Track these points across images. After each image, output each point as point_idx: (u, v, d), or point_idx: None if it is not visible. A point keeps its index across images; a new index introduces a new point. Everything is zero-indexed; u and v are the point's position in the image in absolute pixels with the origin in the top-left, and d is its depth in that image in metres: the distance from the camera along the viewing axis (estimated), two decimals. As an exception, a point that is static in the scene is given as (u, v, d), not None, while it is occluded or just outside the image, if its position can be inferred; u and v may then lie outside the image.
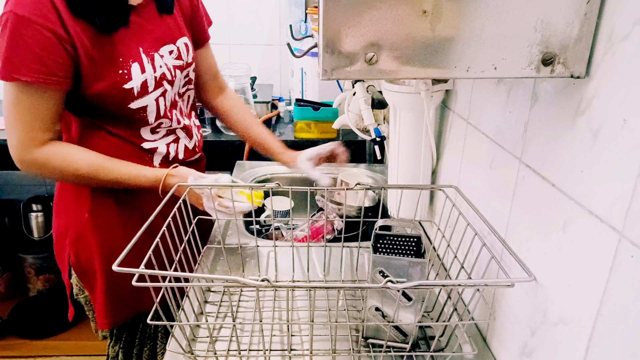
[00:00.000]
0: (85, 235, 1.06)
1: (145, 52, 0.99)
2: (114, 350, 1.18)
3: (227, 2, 2.13)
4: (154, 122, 1.04)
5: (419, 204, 1.01)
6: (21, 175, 2.36)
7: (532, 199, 0.64)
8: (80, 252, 1.07)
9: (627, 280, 0.46)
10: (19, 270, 2.31)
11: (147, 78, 0.98)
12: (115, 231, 1.07)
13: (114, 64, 0.94)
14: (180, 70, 1.07)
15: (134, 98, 0.98)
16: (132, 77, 0.96)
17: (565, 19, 0.49)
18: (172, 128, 1.09)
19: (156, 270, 0.62)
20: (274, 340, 0.79)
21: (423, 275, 0.71)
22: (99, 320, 1.11)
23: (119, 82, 0.95)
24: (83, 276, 1.10)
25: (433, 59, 0.51)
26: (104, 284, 1.07)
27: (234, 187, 0.96)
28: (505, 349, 0.73)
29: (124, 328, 1.16)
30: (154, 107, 1.02)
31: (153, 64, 1.00)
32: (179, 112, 1.11)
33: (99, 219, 1.06)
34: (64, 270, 1.12)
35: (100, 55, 0.93)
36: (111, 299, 1.09)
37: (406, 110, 0.98)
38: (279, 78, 2.28)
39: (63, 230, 1.09)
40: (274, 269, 0.99)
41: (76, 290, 1.15)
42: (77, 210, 1.06)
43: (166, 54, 1.04)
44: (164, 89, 1.03)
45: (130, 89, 0.96)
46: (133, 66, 0.96)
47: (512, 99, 0.70)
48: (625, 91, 0.46)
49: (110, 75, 0.94)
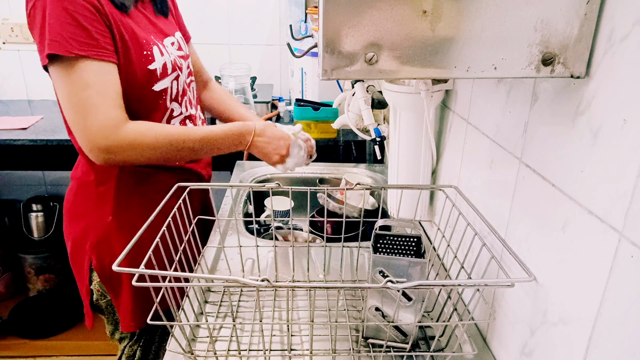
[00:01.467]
0: (109, 238, 1.04)
1: (157, 38, 1.02)
2: (131, 349, 1.17)
3: (227, 2, 2.13)
4: (169, 107, 1.04)
5: (419, 204, 1.01)
6: (21, 175, 2.37)
7: (532, 199, 0.64)
8: (104, 256, 1.05)
9: (627, 280, 0.46)
10: (19, 270, 2.31)
11: (165, 61, 1.00)
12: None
13: (139, 44, 0.95)
14: (183, 60, 1.09)
15: (157, 79, 0.99)
16: (155, 58, 0.97)
17: (565, 19, 0.50)
18: (182, 117, 1.09)
19: (156, 270, 0.62)
20: (274, 340, 0.79)
21: (423, 275, 0.71)
22: (125, 323, 1.10)
23: (144, 62, 0.95)
24: (107, 280, 1.08)
25: (433, 59, 0.51)
26: (131, 286, 1.06)
27: (234, 186, 0.96)
28: (505, 349, 0.73)
29: (146, 327, 1.15)
30: (170, 90, 1.03)
31: (167, 50, 1.03)
32: (187, 100, 1.12)
33: (123, 221, 1.04)
34: (83, 276, 1.10)
35: (129, 34, 0.93)
36: (137, 301, 1.08)
37: (406, 110, 0.98)
38: (279, 78, 2.28)
39: (81, 234, 1.07)
40: (274, 269, 0.99)
41: (97, 296, 1.12)
42: (98, 213, 1.04)
43: (169, 45, 1.06)
44: (178, 73, 1.05)
45: (154, 70, 0.97)
46: (154, 48, 0.98)
47: (512, 99, 0.70)
48: (625, 91, 0.46)
49: (136, 55, 0.94)
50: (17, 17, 2.08)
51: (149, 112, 1.02)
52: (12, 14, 2.08)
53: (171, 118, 1.06)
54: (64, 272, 2.29)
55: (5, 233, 2.35)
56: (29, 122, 1.80)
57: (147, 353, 1.19)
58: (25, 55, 2.15)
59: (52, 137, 1.66)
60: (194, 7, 2.11)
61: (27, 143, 1.65)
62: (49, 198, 2.33)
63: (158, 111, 1.03)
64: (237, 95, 1.77)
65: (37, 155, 1.72)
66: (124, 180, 1.03)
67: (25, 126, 1.76)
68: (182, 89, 1.09)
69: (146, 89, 0.98)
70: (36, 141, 1.65)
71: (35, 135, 1.67)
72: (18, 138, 1.65)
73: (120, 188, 1.03)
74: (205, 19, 2.15)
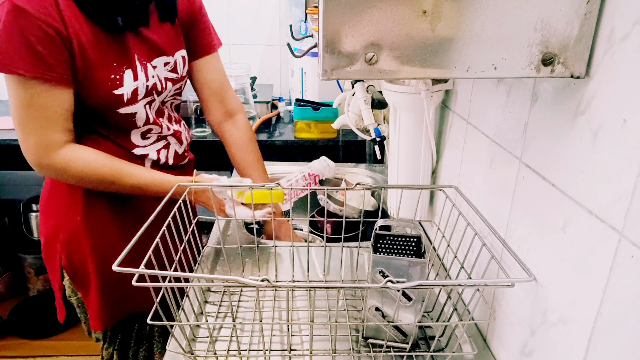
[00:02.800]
0: (78, 238, 1.05)
1: (139, 59, 0.98)
2: (108, 352, 1.17)
3: (227, 2, 2.13)
4: (143, 127, 1.03)
5: (419, 204, 1.01)
6: (21, 175, 2.36)
7: (532, 198, 0.64)
8: (73, 255, 1.06)
9: (627, 280, 0.46)
10: (19, 270, 2.31)
11: (138, 86, 0.97)
12: (109, 234, 1.06)
13: (107, 68, 0.93)
14: (172, 84, 1.06)
15: (123, 104, 0.96)
16: (124, 83, 0.95)
17: (565, 19, 0.49)
18: (162, 135, 1.08)
19: (156, 270, 0.62)
20: (274, 340, 0.79)
21: (423, 275, 0.71)
22: (93, 322, 1.11)
23: (109, 86, 0.93)
24: (76, 278, 1.09)
25: (433, 59, 0.51)
26: (98, 286, 1.06)
27: (234, 187, 0.96)
28: (505, 349, 0.73)
29: (118, 329, 1.16)
30: (143, 114, 1.01)
31: (146, 73, 0.99)
32: (166, 119, 1.09)
33: (92, 222, 1.05)
34: (55, 272, 1.11)
35: (95, 58, 0.91)
36: (105, 301, 1.08)
37: (406, 110, 0.98)
38: (279, 78, 2.28)
39: (53, 232, 1.07)
40: (274, 269, 0.99)
41: (69, 292, 1.14)
42: (68, 213, 1.05)
43: (160, 65, 1.02)
44: (152, 98, 1.02)
45: (120, 95, 0.95)
46: (126, 73, 0.95)
47: (512, 99, 0.70)
48: (625, 91, 0.46)
49: (102, 79, 0.92)
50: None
51: (119, 129, 1.01)
52: (12, 14, 2.08)
53: (148, 133, 1.04)
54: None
55: (5, 233, 2.34)
56: (29, 122, 1.80)
57: (125, 357, 1.18)
58: (25, 55, 2.15)
59: (52, 137, 1.65)
60: (194, 7, 2.11)
61: (27, 143, 1.65)
62: (49, 198, 2.33)
63: (132, 128, 1.02)
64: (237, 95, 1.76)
65: (37, 155, 1.71)
66: None
67: (25, 126, 1.75)
68: (158, 109, 1.05)
69: (111, 111, 0.96)
70: (36, 141, 1.64)
71: (35, 135, 1.67)
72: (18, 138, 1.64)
73: (90, 189, 1.02)
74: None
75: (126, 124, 1.01)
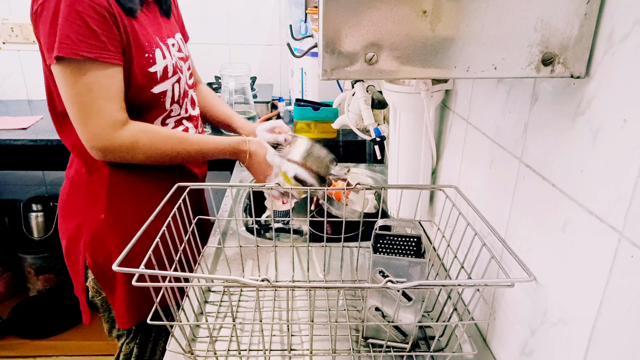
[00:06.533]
0: (102, 235, 1.05)
1: (161, 40, 1.02)
2: (128, 347, 1.18)
3: (227, 2, 2.13)
4: (168, 108, 1.06)
5: (419, 204, 1.01)
6: (21, 175, 2.37)
7: (532, 198, 0.64)
8: (97, 254, 1.06)
9: (627, 280, 0.46)
10: (19, 270, 2.31)
11: (167, 64, 1.01)
12: (133, 230, 1.06)
13: (141, 47, 0.96)
14: (183, 62, 1.10)
15: (157, 82, 1.00)
16: (156, 61, 0.98)
17: (565, 19, 0.49)
18: (179, 118, 1.10)
19: (156, 270, 0.62)
20: (274, 340, 0.79)
21: (423, 275, 0.71)
22: (120, 320, 1.11)
23: (144, 65, 0.97)
24: (101, 277, 1.08)
25: (433, 59, 0.51)
26: (125, 283, 1.07)
27: (234, 186, 0.96)
28: (505, 349, 0.73)
29: (143, 324, 1.16)
30: (170, 93, 1.04)
31: (170, 52, 1.03)
32: (189, 101, 1.14)
33: (115, 219, 1.05)
34: (78, 273, 1.11)
35: (132, 37, 0.94)
36: (132, 298, 1.08)
37: (406, 110, 0.98)
38: (279, 78, 2.28)
39: (75, 232, 1.07)
40: (274, 269, 0.99)
41: (92, 293, 1.13)
42: (90, 211, 1.05)
43: (171, 46, 1.07)
44: (179, 76, 1.06)
45: (154, 73, 0.98)
46: (156, 51, 0.99)
47: (512, 99, 0.70)
48: (625, 91, 0.46)
49: (138, 57, 0.96)
50: (17, 17, 2.08)
51: (146, 111, 1.03)
52: (12, 14, 2.08)
53: (168, 117, 1.07)
54: (64, 272, 2.28)
55: (5, 233, 2.34)
56: (29, 122, 1.80)
57: (143, 351, 1.19)
58: (25, 55, 2.15)
59: (52, 137, 1.66)
60: (194, 7, 2.11)
61: (27, 143, 1.65)
62: (49, 198, 2.33)
63: (155, 111, 1.04)
64: (237, 95, 1.77)
65: (37, 155, 1.72)
66: (116, 178, 1.04)
67: (25, 126, 1.76)
68: (184, 91, 1.10)
69: (145, 91, 0.99)
70: (36, 141, 1.65)
71: (35, 135, 1.67)
72: (18, 138, 1.65)
73: (112, 186, 1.04)
74: (205, 19, 2.15)
75: (154, 107, 1.03)
